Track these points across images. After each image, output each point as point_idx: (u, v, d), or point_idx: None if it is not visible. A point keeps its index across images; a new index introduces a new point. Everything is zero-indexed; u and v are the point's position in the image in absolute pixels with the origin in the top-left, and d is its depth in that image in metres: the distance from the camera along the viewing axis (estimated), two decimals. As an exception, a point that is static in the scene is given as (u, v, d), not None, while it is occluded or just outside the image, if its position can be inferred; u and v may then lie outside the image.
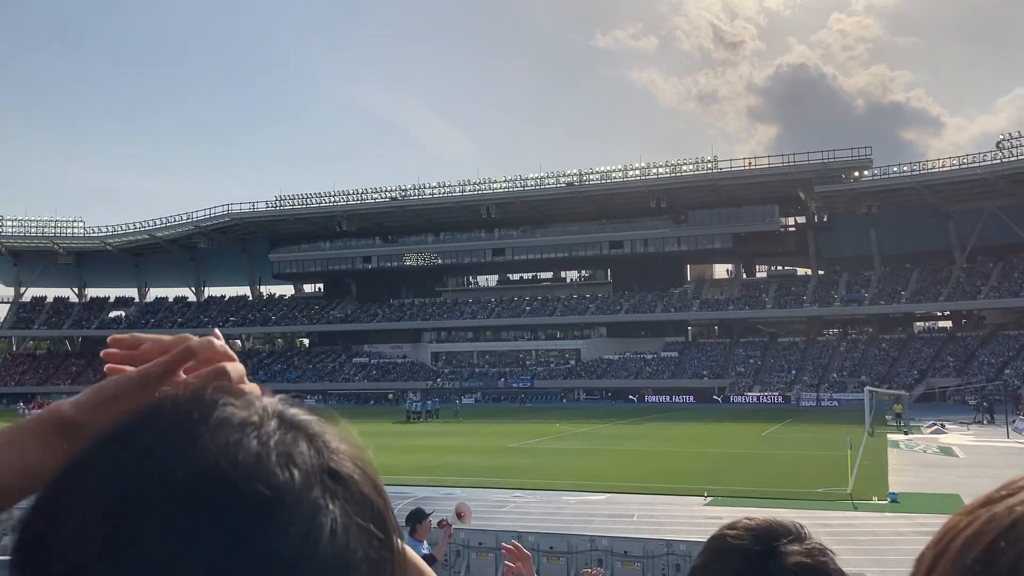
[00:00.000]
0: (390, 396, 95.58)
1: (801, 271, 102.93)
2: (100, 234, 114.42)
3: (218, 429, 0.63)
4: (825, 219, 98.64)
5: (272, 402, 0.72)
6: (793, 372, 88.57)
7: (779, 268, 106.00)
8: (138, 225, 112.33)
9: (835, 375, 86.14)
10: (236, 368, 0.82)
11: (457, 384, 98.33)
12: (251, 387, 0.79)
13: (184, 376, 0.77)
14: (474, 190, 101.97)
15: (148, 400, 0.67)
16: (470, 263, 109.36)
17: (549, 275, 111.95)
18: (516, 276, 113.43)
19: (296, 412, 0.71)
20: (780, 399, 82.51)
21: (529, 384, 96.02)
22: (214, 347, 0.81)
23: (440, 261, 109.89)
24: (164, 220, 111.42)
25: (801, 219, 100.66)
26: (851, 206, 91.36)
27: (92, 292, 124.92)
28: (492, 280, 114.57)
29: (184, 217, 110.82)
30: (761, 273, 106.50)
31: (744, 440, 45.84)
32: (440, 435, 50.40)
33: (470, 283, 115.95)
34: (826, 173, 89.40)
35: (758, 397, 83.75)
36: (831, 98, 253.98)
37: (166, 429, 0.63)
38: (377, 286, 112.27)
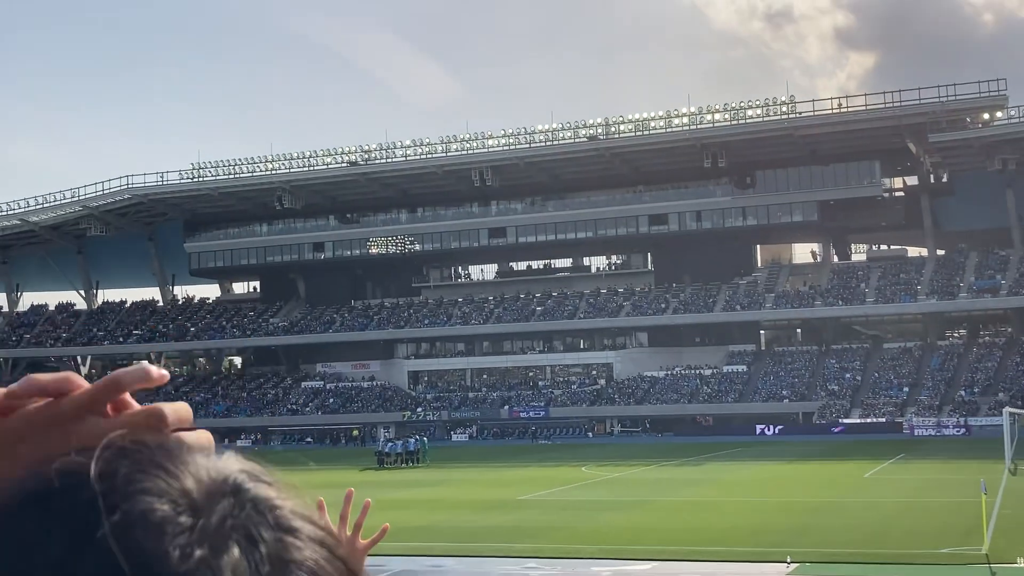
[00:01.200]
0: (355, 433, 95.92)
1: (913, 251, 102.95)
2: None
3: (128, 528, 0.63)
4: (944, 179, 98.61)
5: (227, 472, 0.71)
6: (905, 390, 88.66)
7: (883, 247, 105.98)
8: (5, 207, 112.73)
9: (963, 393, 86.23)
10: (178, 410, 0.83)
11: (444, 414, 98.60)
12: (198, 437, 0.80)
13: (109, 417, 0.79)
14: (462, 149, 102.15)
15: (58, 446, 0.69)
16: (459, 249, 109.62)
17: (567, 263, 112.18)
18: (522, 265, 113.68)
19: (259, 493, 0.71)
20: (888, 427, 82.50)
21: (543, 413, 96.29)
22: (149, 377, 0.83)
23: (418, 247, 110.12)
24: (41, 200, 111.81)
25: (912, 180, 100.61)
26: (980, 161, 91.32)
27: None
28: (489, 272, 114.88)
29: (68, 195, 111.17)
30: (859, 255, 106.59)
31: (840, 484, 45.87)
32: (424, 485, 50.52)
33: (459, 276, 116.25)
34: (944, 117, 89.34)
35: (859, 425, 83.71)
36: (949, 13, 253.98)
37: (58, 518, 0.64)
38: (333, 283, 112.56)
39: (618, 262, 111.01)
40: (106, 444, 0.74)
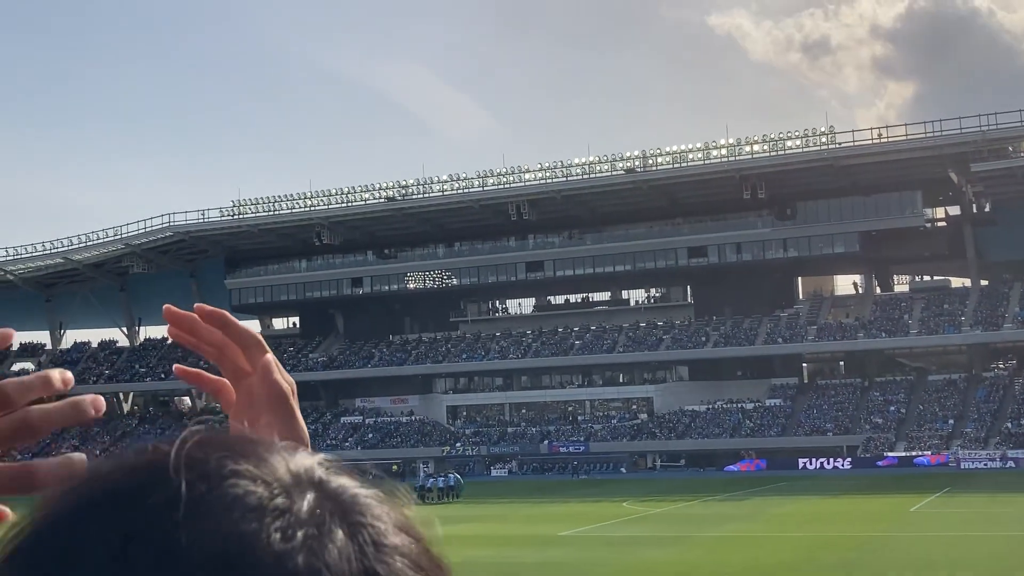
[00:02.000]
0: (395, 468, 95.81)
1: (957, 282, 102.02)
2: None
3: (226, 514, 0.64)
4: (987, 209, 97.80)
5: (308, 465, 0.72)
6: (951, 422, 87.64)
7: (926, 278, 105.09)
8: (49, 246, 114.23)
9: (1009, 425, 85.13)
10: (268, 364, 0.89)
11: (483, 449, 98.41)
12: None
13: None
14: (499, 183, 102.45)
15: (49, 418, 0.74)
16: (496, 283, 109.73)
17: (606, 296, 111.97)
18: (560, 299, 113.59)
19: (342, 483, 0.72)
20: (934, 460, 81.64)
21: (583, 448, 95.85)
22: (50, 384, 0.81)
23: (455, 282, 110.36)
24: (84, 238, 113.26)
25: (954, 210, 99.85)
26: (1023, 189, 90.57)
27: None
28: (527, 305, 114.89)
29: (111, 233, 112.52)
30: (901, 286, 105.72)
31: (886, 518, 45.40)
32: (464, 520, 50.26)
33: (497, 310, 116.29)
34: (986, 146, 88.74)
35: (903, 458, 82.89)
36: (988, 42, 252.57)
37: (150, 511, 0.65)
38: (371, 318, 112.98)
39: (657, 295, 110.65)
40: (184, 437, 0.74)
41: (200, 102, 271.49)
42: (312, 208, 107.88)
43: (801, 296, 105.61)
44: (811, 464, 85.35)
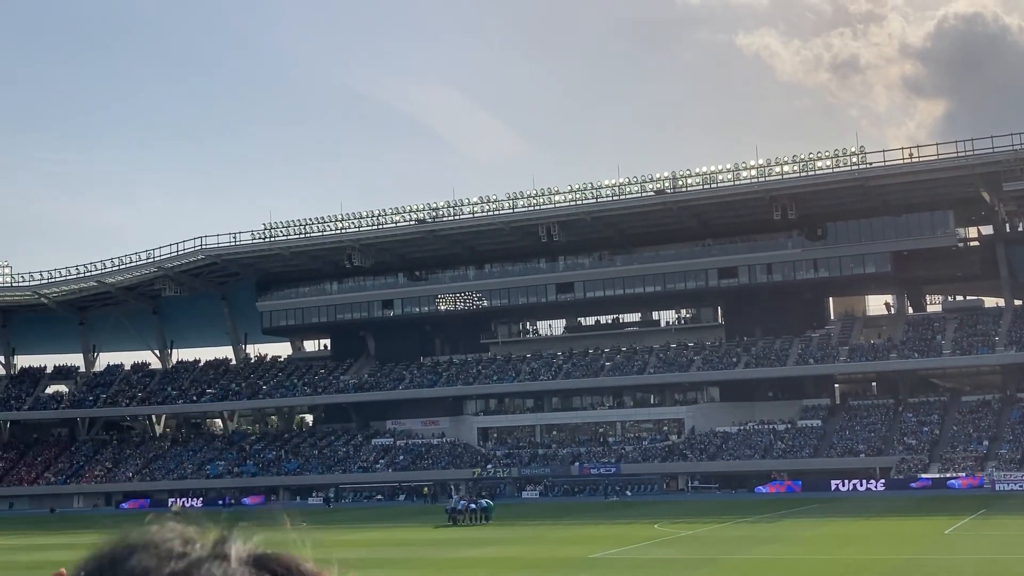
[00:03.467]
0: (426, 491, 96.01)
1: (990, 301, 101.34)
2: (32, 283, 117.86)
3: None
4: (1021, 228, 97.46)
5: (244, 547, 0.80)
6: (985, 443, 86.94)
7: (959, 298, 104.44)
8: (83, 269, 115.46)
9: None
10: None
11: (515, 471, 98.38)
12: None
13: None
14: (529, 205, 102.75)
15: None
16: (527, 305, 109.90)
17: (636, 317, 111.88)
18: (590, 320, 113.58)
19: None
20: (965, 484, 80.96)
21: (614, 470, 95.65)
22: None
23: (486, 303, 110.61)
24: (117, 262, 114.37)
25: (987, 229, 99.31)
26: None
27: (23, 361, 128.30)
28: (558, 327, 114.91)
29: (144, 256, 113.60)
30: (934, 306, 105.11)
31: (920, 541, 45.14)
32: (495, 543, 50.42)
33: (528, 332, 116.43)
34: (1018, 164, 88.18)
35: (937, 480, 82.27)
36: (1019, 59, 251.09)
37: None
38: (402, 340, 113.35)
39: (688, 316, 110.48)
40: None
41: (231, 125, 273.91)
42: (343, 231, 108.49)
43: (832, 316, 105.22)
44: (844, 486, 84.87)
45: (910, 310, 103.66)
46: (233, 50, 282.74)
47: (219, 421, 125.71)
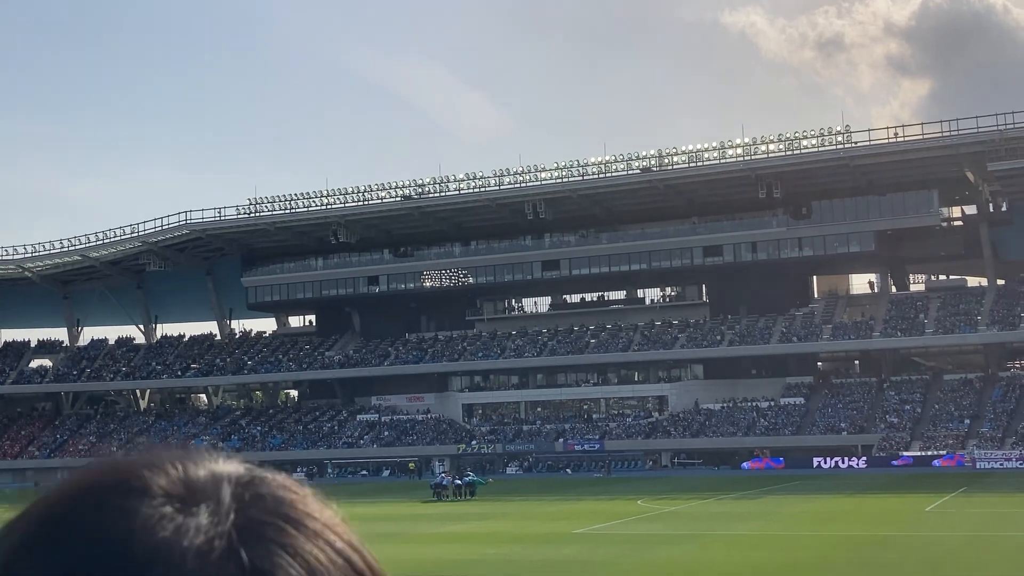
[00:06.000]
0: (411, 466, 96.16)
1: (973, 281, 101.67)
2: (16, 256, 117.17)
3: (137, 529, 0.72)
4: (1004, 208, 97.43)
5: (230, 469, 0.77)
6: (967, 422, 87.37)
7: (942, 278, 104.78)
8: (67, 243, 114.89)
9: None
10: None
11: (499, 447, 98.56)
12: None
13: None
14: (515, 182, 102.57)
15: None
16: (512, 281, 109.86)
17: (621, 295, 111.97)
18: (575, 298, 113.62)
19: (267, 486, 0.77)
20: (950, 460, 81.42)
21: (598, 446, 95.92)
22: None
23: (471, 280, 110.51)
24: (102, 236, 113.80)
25: (970, 209, 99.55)
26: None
27: (7, 334, 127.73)
28: (543, 304, 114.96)
29: (128, 231, 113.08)
30: (917, 285, 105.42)
31: (901, 518, 45.31)
32: (479, 518, 50.51)
33: (513, 309, 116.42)
34: (1003, 145, 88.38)
35: (919, 458, 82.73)
36: (1003, 39, 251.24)
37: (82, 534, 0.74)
38: (387, 316, 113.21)
39: (672, 294, 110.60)
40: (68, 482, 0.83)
41: (217, 101, 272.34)
42: (329, 206, 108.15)
43: (816, 295, 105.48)
44: (826, 463, 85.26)
45: (893, 289, 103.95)
46: (220, 25, 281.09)
47: (203, 396, 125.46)
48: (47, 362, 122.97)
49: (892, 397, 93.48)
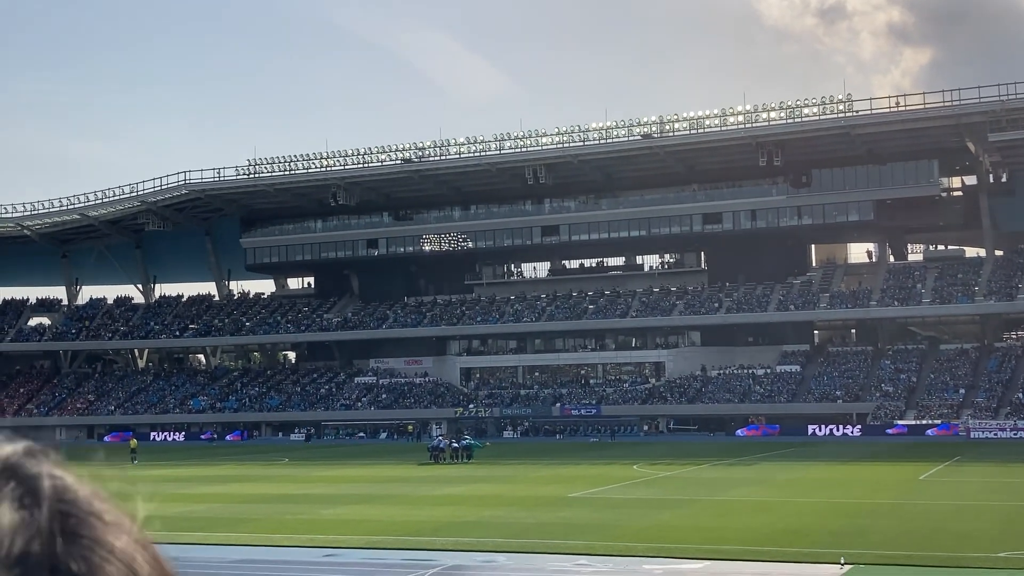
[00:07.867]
0: (410, 428, 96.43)
1: (971, 251, 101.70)
2: (15, 214, 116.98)
3: None
4: (1004, 179, 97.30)
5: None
6: (962, 392, 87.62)
7: (940, 248, 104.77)
8: (66, 202, 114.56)
9: (1020, 395, 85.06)
10: None
11: (496, 411, 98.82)
12: None
13: None
14: (516, 147, 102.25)
15: None
16: (512, 247, 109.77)
17: (620, 261, 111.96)
18: (574, 263, 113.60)
19: (40, 470, 0.71)
20: (944, 429, 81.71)
21: (595, 411, 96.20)
22: None
23: (471, 245, 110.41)
24: (100, 195, 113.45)
25: (970, 180, 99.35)
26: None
27: (5, 292, 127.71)
28: (542, 269, 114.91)
29: (127, 190, 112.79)
30: (915, 255, 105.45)
31: (895, 486, 45.65)
32: (477, 481, 50.75)
33: (512, 274, 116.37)
34: (1005, 115, 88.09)
35: (913, 426, 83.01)
36: (1006, 9, 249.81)
37: None
38: (386, 279, 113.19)
39: (671, 261, 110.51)
40: None
41: (217, 61, 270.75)
42: (328, 168, 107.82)
43: (814, 264, 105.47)
44: (821, 431, 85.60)
45: (891, 258, 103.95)
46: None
47: (202, 357, 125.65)
48: (46, 320, 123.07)
49: (888, 366, 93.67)
